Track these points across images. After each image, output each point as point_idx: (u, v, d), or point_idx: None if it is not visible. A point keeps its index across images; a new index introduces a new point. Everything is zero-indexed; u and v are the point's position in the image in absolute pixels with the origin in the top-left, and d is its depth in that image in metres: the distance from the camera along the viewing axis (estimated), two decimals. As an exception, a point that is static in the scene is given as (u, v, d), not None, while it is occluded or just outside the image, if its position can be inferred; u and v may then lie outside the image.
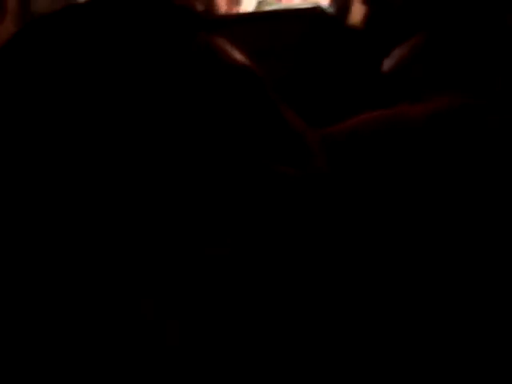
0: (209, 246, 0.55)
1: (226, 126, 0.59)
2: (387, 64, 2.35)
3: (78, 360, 0.51)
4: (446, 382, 0.66)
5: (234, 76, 0.62)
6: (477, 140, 0.69)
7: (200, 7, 3.01)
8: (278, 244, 0.57)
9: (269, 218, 0.57)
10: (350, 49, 2.47)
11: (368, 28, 2.36)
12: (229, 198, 0.55)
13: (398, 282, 0.65)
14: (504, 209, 0.67)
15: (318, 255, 0.59)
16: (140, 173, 0.54)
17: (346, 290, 0.62)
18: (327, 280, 0.61)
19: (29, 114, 0.57)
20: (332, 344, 0.61)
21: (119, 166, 0.54)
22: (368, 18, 2.35)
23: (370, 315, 0.64)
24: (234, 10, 2.90)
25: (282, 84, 2.55)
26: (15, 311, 0.52)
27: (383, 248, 0.64)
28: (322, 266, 0.60)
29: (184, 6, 0.65)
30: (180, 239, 0.54)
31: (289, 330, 0.58)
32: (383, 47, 2.31)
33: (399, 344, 0.65)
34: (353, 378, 0.67)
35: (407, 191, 0.66)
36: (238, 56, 0.66)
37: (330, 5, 2.58)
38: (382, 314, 0.64)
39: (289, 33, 2.45)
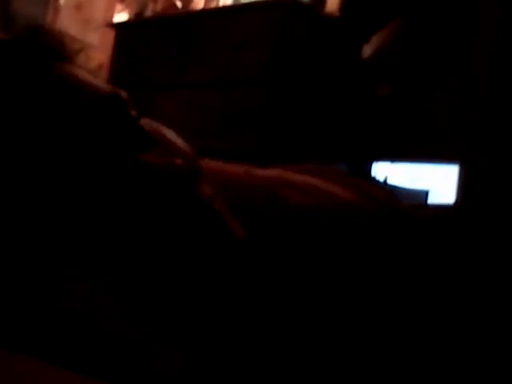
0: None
1: (88, 137, 0.66)
2: (367, 50, 2.36)
3: None
4: None
5: (92, 98, 0.68)
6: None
7: (179, 3, 3.01)
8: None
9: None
10: (328, 37, 2.47)
11: (344, 15, 2.37)
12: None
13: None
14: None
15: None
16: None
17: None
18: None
19: None
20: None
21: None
22: (344, 5, 2.36)
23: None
24: (212, 4, 2.90)
25: (262, 74, 2.54)
26: None
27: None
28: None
29: (41, 40, 0.71)
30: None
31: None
32: (361, 34, 2.32)
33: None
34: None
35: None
36: (98, 82, 0.72)
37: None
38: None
39: (267, 23, 2.46)
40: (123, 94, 0.71)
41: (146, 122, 0.72)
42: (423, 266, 0.80)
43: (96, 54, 3.57)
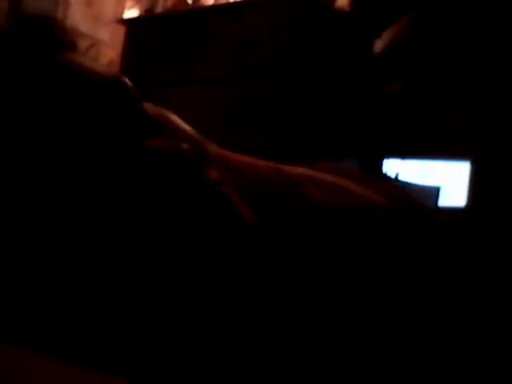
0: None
1: (92, 123, 0.66)
2: (378, 45, 2.34)
3: None
4: None
5: (93, 85, 0.68)
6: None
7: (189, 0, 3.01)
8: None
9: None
10: (339, 32, 2.46)
11: (355, 10, 2.35)
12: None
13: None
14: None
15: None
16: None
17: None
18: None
19: None
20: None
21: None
22: (354, 0, 2.34)
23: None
24: (222, 0, 2.90)
25: (272, 70, 2.53)
26: None
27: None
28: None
29: (44, 29, 0.71)
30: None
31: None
32: (372, 29, 2.30)
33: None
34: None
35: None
36: (100, 68, 0.72)
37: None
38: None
39: (277, 19, 2.45)
40: (126, 80, 0.70)
41: (150, 106, 0.71)
42: (447, 268, 0.81)
43: (106, 50, 3.57)
